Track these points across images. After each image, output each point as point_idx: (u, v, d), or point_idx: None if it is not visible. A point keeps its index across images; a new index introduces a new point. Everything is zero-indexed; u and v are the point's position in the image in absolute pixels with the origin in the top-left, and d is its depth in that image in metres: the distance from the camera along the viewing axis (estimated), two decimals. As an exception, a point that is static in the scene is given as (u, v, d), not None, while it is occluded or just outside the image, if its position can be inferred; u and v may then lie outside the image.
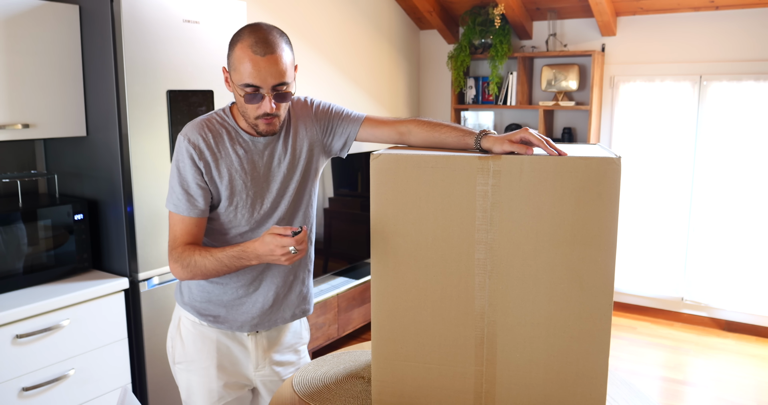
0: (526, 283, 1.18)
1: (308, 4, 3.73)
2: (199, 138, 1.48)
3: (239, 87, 1.41)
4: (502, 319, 1.21)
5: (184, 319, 1.62)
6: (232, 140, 1.51)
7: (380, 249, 1.25)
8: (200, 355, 1.60)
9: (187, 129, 1.50)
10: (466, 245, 1.20)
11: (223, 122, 1.52)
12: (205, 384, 1.61)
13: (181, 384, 1.65)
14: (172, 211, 1.50)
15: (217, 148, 1.49)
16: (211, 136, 1.49)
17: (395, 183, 1.22)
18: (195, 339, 1.61)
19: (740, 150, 3.85)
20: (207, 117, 1.53)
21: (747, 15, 3.76)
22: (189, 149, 1.47)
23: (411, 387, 1.28)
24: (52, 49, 2.16)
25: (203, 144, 1.48)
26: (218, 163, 1.48)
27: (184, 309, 1.62)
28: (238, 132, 1.52)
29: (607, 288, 1.16)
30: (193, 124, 1.50)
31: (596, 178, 1.13)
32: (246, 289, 1.58)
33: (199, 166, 1.47)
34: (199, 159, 1.47)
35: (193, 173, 1.47)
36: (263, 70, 1.38)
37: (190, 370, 1.62)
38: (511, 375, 1.22)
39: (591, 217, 1.14)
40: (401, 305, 1.26)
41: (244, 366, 1.64)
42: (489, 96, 4.55)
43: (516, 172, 1.16)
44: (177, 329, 1.64)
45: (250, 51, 1.38)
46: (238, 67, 1.40)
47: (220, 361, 1.61)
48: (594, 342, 1.18)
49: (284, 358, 1.69)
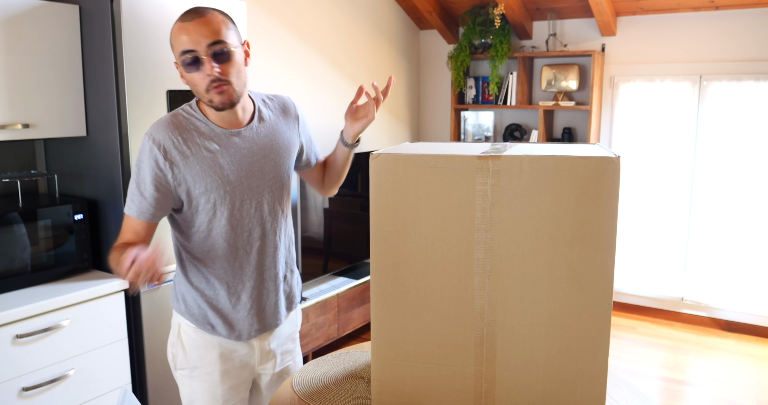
0: (526, 282, 1.18)
1: (308, 4, 3.73)
2: (165, 137, 1.42)
3: (180, 59, 1.38)
4: (501, 319, 1.21)
5: (184, 326, 1.59)
6: (202, 135, 1.45)
7: (380, 249, 1.25)
8: (203, 361, 1.58)
9: (152, 128, 1.43)
10: (466, 245, 1.20)
11: (191, 117, 1.47)
12: (209, 389, 1.58)
13: (184, 390, 1.62)
14: (125, 210, 1.47)
15: (186, 146, 1.43)
16: (178, 134, 1.43)
17: (395, 183, 1.22)
18: (197, 346, 1.57)
19: (740, 150, 3.85)
20: (173, 114, 1.47)
21: (747, 15, 3.76)
22: (153, 150, 1.41)
23: (411, 387, 1.28)
24: (52, 49, 2.16)
25: (169, 143, 1.42)
26: (187, 161, 1.43)
27: (183, 317, 1.58)
28: (209, 125, 1.47)
29: (607, 288, 1.16)
30: (159, 123, 1.44)
31: (596, 177, 1.13)
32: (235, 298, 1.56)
33: (164, 168, 1.42)
34: (165, 160, 1.41)
35: (153, 176, 1.42)
36: (193, 32, 1.35)
37: (193, 376, 1.59)
38: (511, 375, 1.22)
39: (590, 217, 1.14)
40: (401, 305, 1.25)
41: (249, 365, 1.64)
42: (489, 96, 4.55)
43: (515, 172, 1.16)
44: (178, 337, 1.60)
45: (179, 22, 1.38)
46: (174, 43, 1.38)
47: (224, 366, 1.59)
48: (594, 342, 1.18)
49: (286, 348, 1.71)
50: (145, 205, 1.44)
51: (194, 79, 1.39)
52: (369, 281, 1.97)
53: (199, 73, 1.38)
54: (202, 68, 1.37)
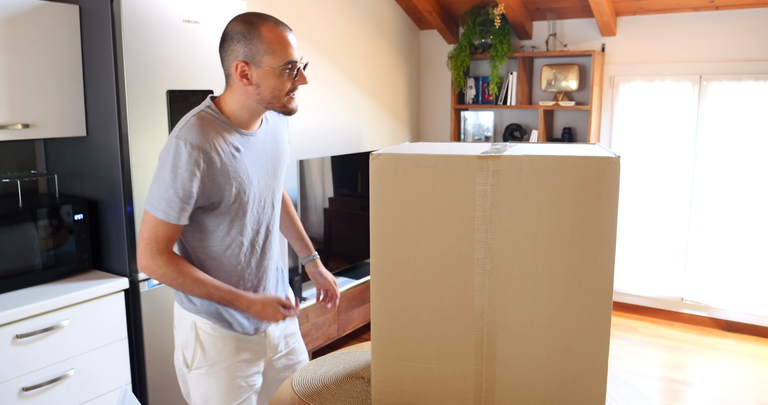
0: (526, 282, 1.19)
1: (308, 4, 3.73)
2: (201, 140, 1.43)
3: (280, 67, 1.45)
4: (501, 319, 1.21)
5: (200, 323, 1.58)
6: (228, 137, 1.49)
7: (380, 249, 1.25)
8: (222, 356, 1.60)
9: (184, 132, 1.43)
10: (466, 245, 1.20)
11: (216, 119, 1.49)
12: (226, 383, 1.60)
13: (198, 389, 1.61)
14: (158, 216, 1.44)
15: (220, 147, 1.46)
16: (211, 136, 1.45)
17: (395, 183, 1.22)
18: (216, 342, 1.59)
19: (740, 150, 3.85)
20: (199, 116, 1.47)
21: (747, 15, 3.76)
22: (193, 154, 1.41)
23: (411, 387, 1.28)
24: (52, 49, 2.16)
25: (206, 146, 1.43)
26: (222, 162, 1.46)
27: (199, 315, 1.58)
28: (232, 127, 1.51)
29: (607, 288, 1.16)
30: (190, 127, 1.44)
31: (595, 177, 1.13)
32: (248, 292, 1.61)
33: (203, 171, 1.43)
34: (203, 162, 1.42)
35: (194, 179, 1.42)
36: (294, 44, 1.47)
37: (211, 373, 1.59)
38: (511, 375, 1.22)
39: (590, 217, 1.14)
40: (401, 305, 1.26)
41: (261, 353, 1.69)
42: (489, 96, 4.55)
43: (515, 172, 1.16)
44: (194, 336, 1.59)
45: (280, 30, 1.45)
46: (276, 49, 1.44)
47: (240, 358, 1.63)
48: (594, 342, 1.18)
49: (289, 331, 1.80)
50: (187, 209, 1.45)
51: (283, 85, 1.48)
52: (369, 281, 1.97)
53: (291, 82, 1.49)
54: (298, 78, 1.49)
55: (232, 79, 1.50)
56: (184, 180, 1.41)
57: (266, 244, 1.64)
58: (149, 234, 1.46)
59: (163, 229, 1.45)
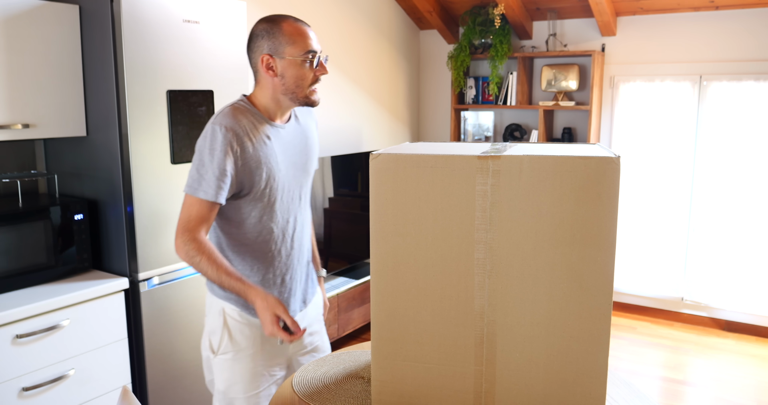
0: (526, 282, 1.18)
1: (308, 4, 3.74)
2: (234, 124, 1.55)
3: (300, 57, 1.58)
4: (501, 319, 1.21)
5: (228, 310, 1.68)
6: (260, 126, 1.61)
7: (380, 249, 1.25)
8: (248, 342, 1.69)
9: (219, 118, 1.56)
10: (466, 245, 1.20)
11: (248, 110, 1.62)
12: (250, 370, 1.69)
13: (223, 374, 1.70)
14: (192, 194, 1.56)
15: (252, 134, 1.58)
16: (243, 123, 1.57)
17: (395, 183, 1.22)
18: (242, 328, 1.68)
19: (740, 150, 3.85)
20: (233, 107, 1.61)
21: (747, 15, 3.76)
22: (227, 136, 1.53)
23: (411, 387, 1.28)
24: (52, 49, 2.16)
25: (239, 130, 1.55)
26: (253, 147, 1.57)
27: (228, 302, 1.68)
28: (263, 118, 1.63)
29: (607, 288, 1.16)
30: (225, 114, 1.58)
31: (595, 177, 1.13)
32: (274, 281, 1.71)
33: (236, 152, 1.54)
34: (236, 144, 1.54)
35: (228, 160, 1.53)
36: (313, 37, 1.61)
37: (236, 359, 1.69)
38: (511, 375, 1.22)
39: (590, 217, 1.14)
40: (401, 305, 1.26)
41: (285, 346, 1.76)
42: (489, 96, 4.55)
43: (515, 172, 1.16)
44: (222, 322, 1.69)
45: (299, 25, 1.60)
46: (296, 39, 1.58)
47: (264, 347, 1.71)
48: (594, 342, 1.18)
49: (313, 329, 1.86)
50: (222, 188, 1.55)
51: (305, 74, 1.60)
52: (369, 281, 1.97)
53: (312, 71, 1.60)
54: (318, 68, 1.61)
55: (259, 73, 1.62)
56: (220, 160, 1.53)
57: (295, 235, 1.73)
58: (184, 214, 1.58)
59: (197, 208, 1.56)
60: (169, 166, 2.30)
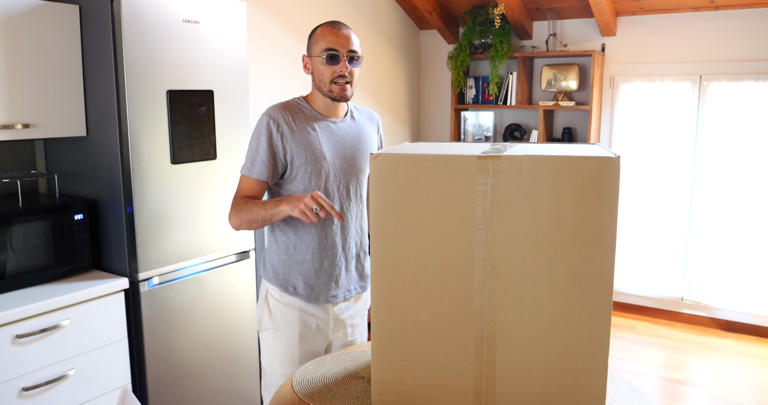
0: (526, 282, 1.19)
1: (308, 4, 3.73)
2: (279, 115, 1.77)
3: (319, 54, 1.76)
4: (501, 319, 1.21)
5: (271, 290, 1.86)
6: (307, 118, 1.80)
7: (380, 249, 1.25)
8: (285, 322, 1.83)
9: (268, 109, 1.79)
10: (466, 245, 1.20)
11: (299, 104, 1.82)
12: (288, 349, 1.83)
13: (265, 350, 1.87)
14: (243, 173, 1.79)
15: (295, 123, 1.77)
16: (289, 113, 1.78)
17: (395, 182, 1.22)
18: (281, 308, 1.84)
19: (740, 150, 3.85)
20: (284, 102, 1.84)
21: (747, 15, 3.76)
22: (270, 123, 1.76)
23: (411, 387, 1.28)
24: (52, 49, 2.16)
25: (282, 119, 1.76)
26: (294, 134, 1.76)
27: (270, 283, 1.86)
28: (313, 112, 1.82)
29: (607, 288, 1.16)
30: (274, 106, 1.80)
31: (595, 177, 1.13)
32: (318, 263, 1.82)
33: (276, 138, 1.75)
34: (277, 131, 1.75)
35: (269, 143, 1.74)
36: (340, 37, 1.76)
37: (275, 336, 1.84)
38: (511, 375, 1.22)
39: (590, 217, 1.14)
40: (401, 305, 1.26)
41: (323, 332, 1.87)
42: (489, 96, 4.55)
43: (515, 172, 1.16)
44: (265, 301, 1.87)
45: (329, 26, 1.78)
46: (319, 40, 1.77)
47: (302, 330, 1.83)
48: (594, 342, 1.18)
49: (354, 322, 1.95)
50: (263, 168, 1.76)
51: (326, 70, 1.77)
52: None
53: (333, 67, 1.76)
54: (338, 65, 1.76)
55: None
56: (262, 142, 1.76)
57: (339, 224, 1.83)
58: (237, 190, 1.81)
59: (245, 183, 1.79)
60: (169, 166, 2.30)
